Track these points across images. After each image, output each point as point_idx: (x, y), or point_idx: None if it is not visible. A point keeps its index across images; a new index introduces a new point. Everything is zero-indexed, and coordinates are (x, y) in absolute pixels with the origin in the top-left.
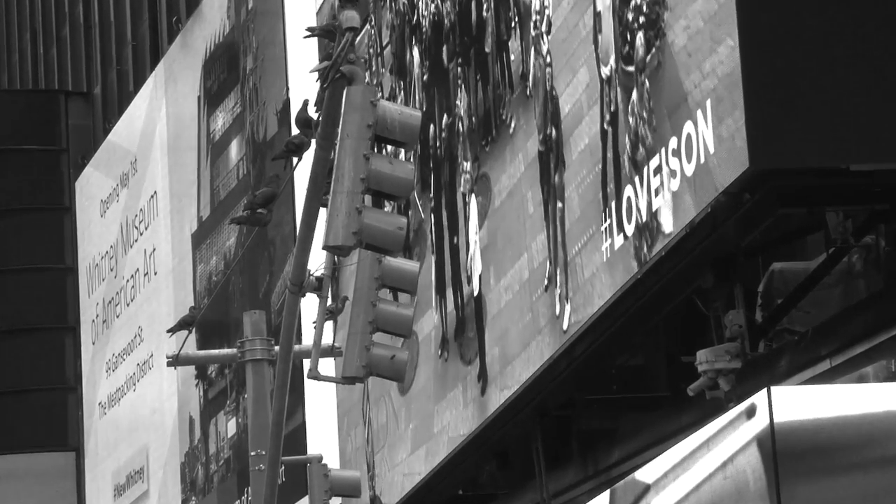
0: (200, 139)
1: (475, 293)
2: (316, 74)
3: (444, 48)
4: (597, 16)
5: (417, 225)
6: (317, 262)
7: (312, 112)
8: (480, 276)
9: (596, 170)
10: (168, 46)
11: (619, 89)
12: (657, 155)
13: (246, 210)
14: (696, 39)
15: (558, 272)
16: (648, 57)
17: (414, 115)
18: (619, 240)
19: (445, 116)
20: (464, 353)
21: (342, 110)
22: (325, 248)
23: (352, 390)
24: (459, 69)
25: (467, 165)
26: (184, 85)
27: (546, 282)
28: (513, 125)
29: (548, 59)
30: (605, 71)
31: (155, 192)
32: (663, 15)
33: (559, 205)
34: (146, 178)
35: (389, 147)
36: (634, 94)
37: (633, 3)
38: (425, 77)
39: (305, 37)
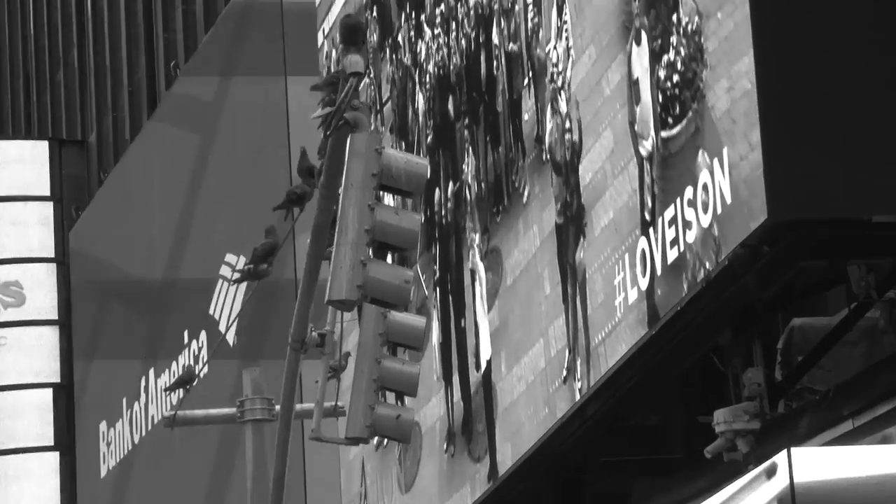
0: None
1: (484, 382)
2: (318, 121)
3: (451, 105)
4: (633, 84)
5: (421, 303)
6: (319, 317)
7: (315, 160)
8: (490, 363)
9: (622, 248)
10: (166, 92)
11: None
12: (672, 205)
13: (247, 265)
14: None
15: (579, 362)
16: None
17: (420, 164)
18: (632, 294)
19: (451, 182)
20: (472, 449)
21: (346, 158)
22: (328, 302)
23: (350, 484)
24: (467, 130)
25: (476, 238)
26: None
27: (565, 372)
28: (527, 194)
29: (566, 122)
30: (647, 146)
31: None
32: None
33: (580, 286)
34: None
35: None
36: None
37: (665, 59)
38: (429, 138)
39: (312, 87)
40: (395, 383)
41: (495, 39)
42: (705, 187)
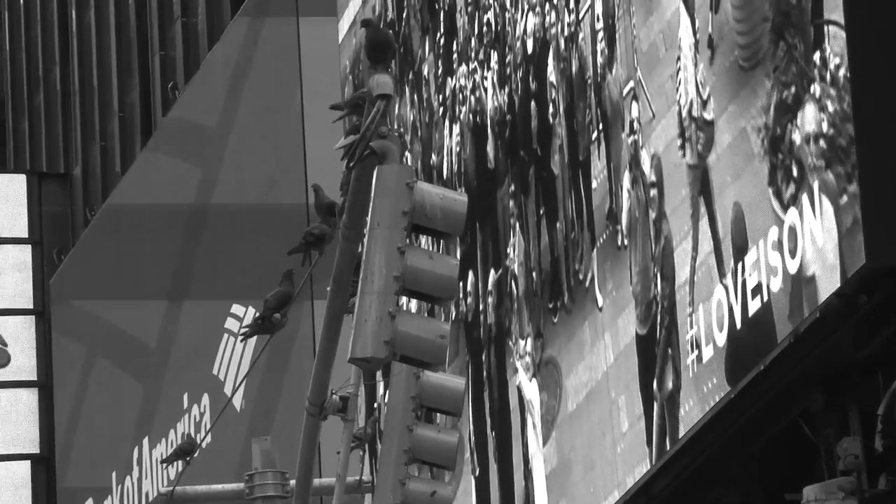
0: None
1: None
2: (341, 152)
3: (490, 163)
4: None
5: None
6: (341, 378)
7: (336, 197)
8: None
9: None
10: (162, 117)
11: None
12: (754, 248)
13: (257, 317)
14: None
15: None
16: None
17: (459, 201)
18: (707, 351)
19: (492, 269)
20: None
21: (372, 194)
22: (351, 360)
23: None
24: (512, 199)
25: (525, 345)
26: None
27: None
28: (596, 290)
29: (651, 191)
30: None
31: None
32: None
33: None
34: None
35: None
36: None
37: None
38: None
39: (332, 107)
40: (429, 454)
41: (552, 76)
42: (792, 229)
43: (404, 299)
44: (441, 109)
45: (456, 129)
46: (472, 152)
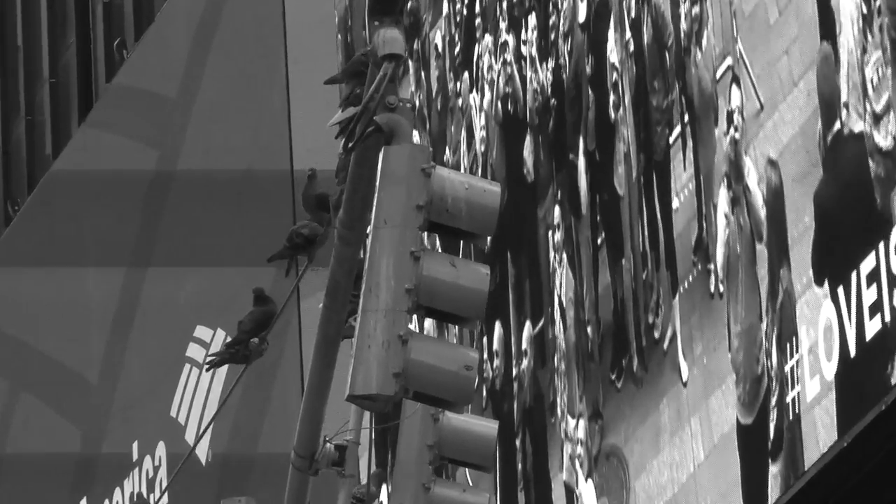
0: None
1: None
2: (336, 129)
3: (528, 172)
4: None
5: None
6: (337, 421)
7: (330, 187)
8: None
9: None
10: (106, 84)
11: None
12: (872, 253)
13: (229, 343)
14: None
15: None
16: None
17: (489, 192)
18: (812, 386)
19: (529, 320)
20: None
21: (377, 183)
22: (350, 398)
23: None
24: (559, 221)
25: (576, 428)
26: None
27: None
28: (679, 354)
29: (760, 212)
30: None
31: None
32: None
33: None
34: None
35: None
36: None
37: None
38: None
39: (327, 81)
40: None
41: (612, 54)
42: None
43: (420, 319)
44: (459, 93)
45: (480, 119)
46: (501, 153)
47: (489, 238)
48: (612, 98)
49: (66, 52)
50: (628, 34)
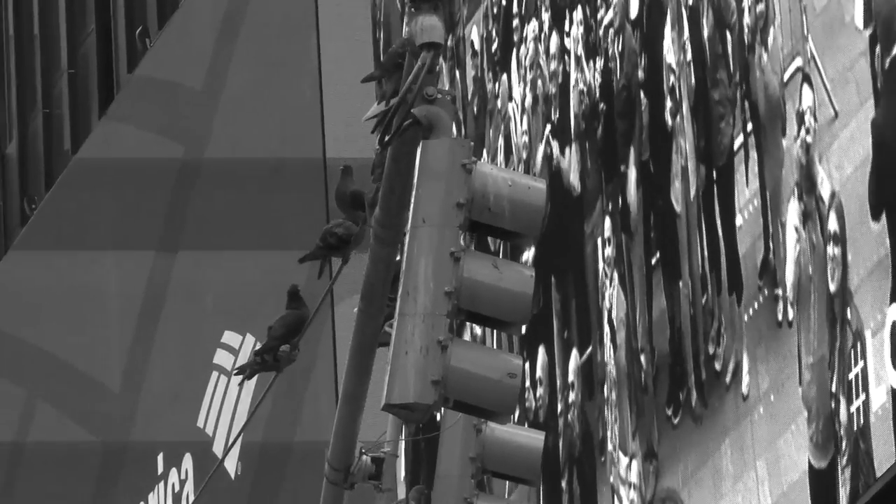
0: None
1: None
2: (372, 123)
3: (572, 183)
4: None
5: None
6: (374, 432)
7: (366, 185)
8: None
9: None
10: (128, 75)
11: None
12: None
13: (258, 353)
14: None
15: None
16: None
17: (534, 189)
18: (878, 394)
19: (576, 348)
20: None
21: (415, 179)
22: (386, 408)
23: None
24: (610, 237)
25: (629, 469)
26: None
27: None
28: (742, 388)
29: (831, 225)
30: None
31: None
32: None
33: None
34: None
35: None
36: None
37: None
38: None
39: (365, 79)
40: None
41: (669, 54)
42: None
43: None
44: (497, 94)
45: (521, 123)
46: (544, 161)
47: (531, 255)
48: (668, 103)
49: (86, 41)
50: (686, 32)
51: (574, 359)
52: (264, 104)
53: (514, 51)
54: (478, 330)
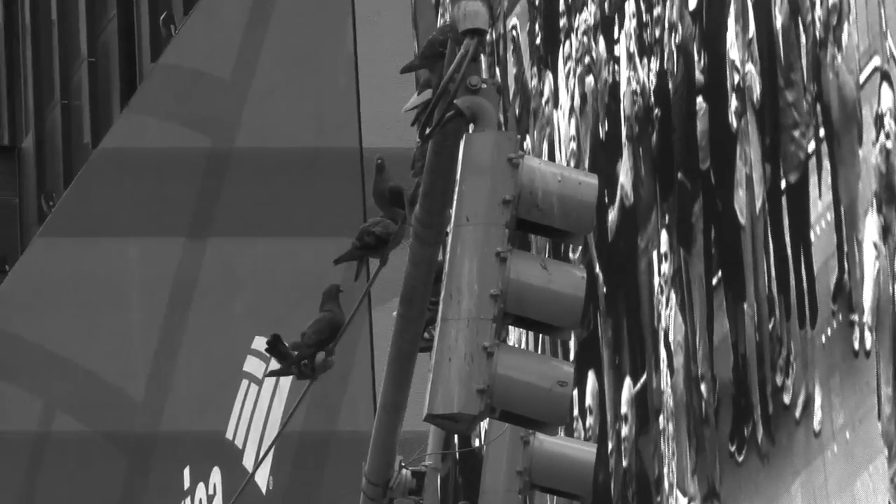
0: None
1: None
2: (412, 114)
3: (626, 189)
4: None
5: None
6: (414, 444)
7: (406, 180)
8: None
9: None
10: (152, 64)
11: None
12: None
13: (292, 364)
14: None
15: None
16: None
17: (585, 185)
18: None
19: (629, 376)
20: None
21: (458, 175)
22: (428, 418)
23: None
24: (667, 252)
25: None
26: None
27: None
28: (814, 423)
29: None
30: None
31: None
32: None
33: None
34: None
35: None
36: None
37: None
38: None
39: (404, 69)
40: None
41: (733, 49)
42: None
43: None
44: (542, 92)
45: (569, 127)
46: (594, 169)
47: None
48: (731, 105)
49: (107, 28)
50: (752, 26)
51: (627, 387)
52: (297, 93)
53: (560, 46)
54: (513, 336)
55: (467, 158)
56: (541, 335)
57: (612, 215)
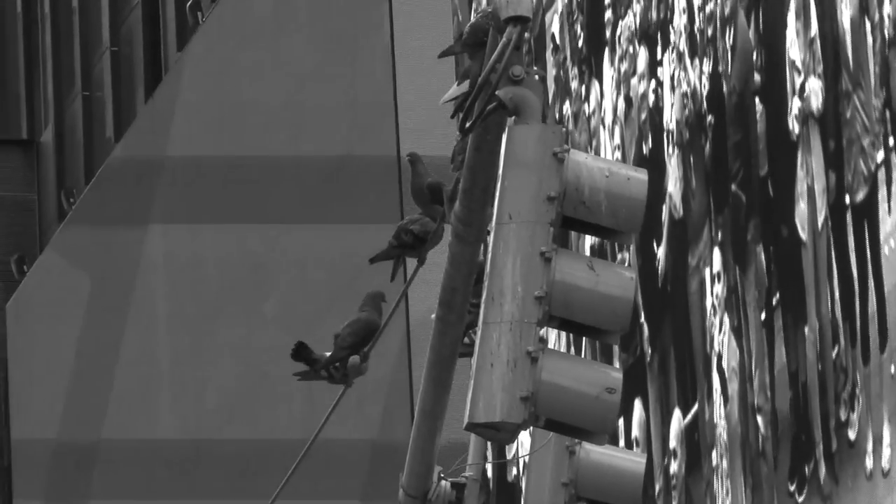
0: None
1: None
2: (451, 107)
3: (675, 203)
4: None
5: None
6: (454, 454)
7: (445, 175)
8: None
9: None
10: (178, 53)
11: None
12: None
13: (324, 366)
14: None
15: None
16: None
17: (634, 180)
18: None
19: (679, 408)
20: None
21: (500, 168)
22: (469, 427)
23: None
24: (719, 272)
25: None
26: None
27: None
28: (882, 462)
29: None
30: None
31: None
32: None
33: None
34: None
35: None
36: None
37: None
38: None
39: (442, 54)
40: None
41: (793, 47)
42: None
43: (552, 333)
44: (584, 96)
45: (611, 137)
46: None
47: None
48: (792, 109)
49: (130, 15)
50: (815, 24)
51: (676, 420)
52: (331, 83)
53: (604, 47)
54: (551, 338)
55: (510, 153)
56: (581, 340)
57: (661, 230)
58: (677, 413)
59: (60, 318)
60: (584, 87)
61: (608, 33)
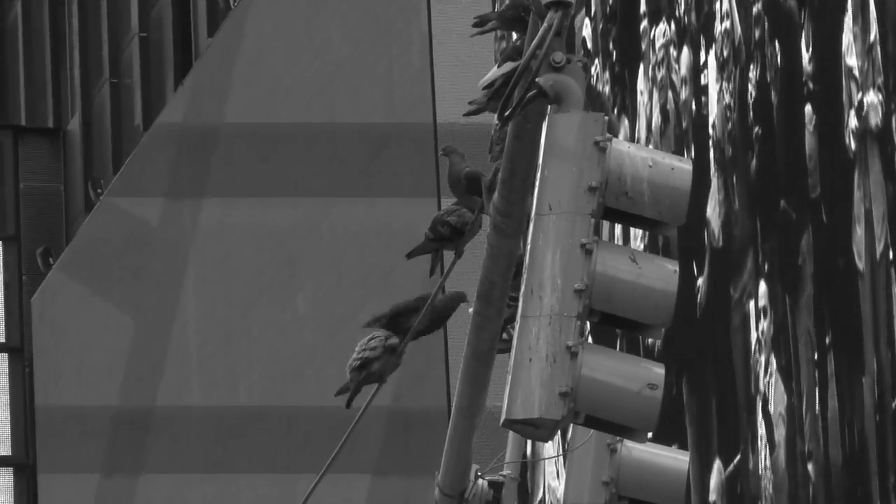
0: None
1: None
2: (489, 94)
3: (713, 225)
4: None
5: None
6: (492, 452)
7: (483, 165)
8: None
9: None
10: (209, 38)
11: None
12: None
13: (354, 372)
14: None
15: None
16: None
17: (678, 170)
18: None
19: (719, 458)
20: None
21: (540, 160)
22: (507, 424)
23: None
24: (766, 306)
25: None
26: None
27: None
28: None
29: None
30: None
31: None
32: None
33: None
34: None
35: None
36: None
37: None
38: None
39: (476, 22)
40: None
41: (850, 52)
42: None
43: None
44: (617, 105)
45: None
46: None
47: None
48: (849, 123)
49: (159, 2)
50: (874, 28)
51: (717, 472)
52: (367, 66)
53: (638, 55)
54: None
55: (550, 142)
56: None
57: (699, 259)
58: (718, 463)
59: (86, 311)
60: (614, 98)
61: (642, 41)
